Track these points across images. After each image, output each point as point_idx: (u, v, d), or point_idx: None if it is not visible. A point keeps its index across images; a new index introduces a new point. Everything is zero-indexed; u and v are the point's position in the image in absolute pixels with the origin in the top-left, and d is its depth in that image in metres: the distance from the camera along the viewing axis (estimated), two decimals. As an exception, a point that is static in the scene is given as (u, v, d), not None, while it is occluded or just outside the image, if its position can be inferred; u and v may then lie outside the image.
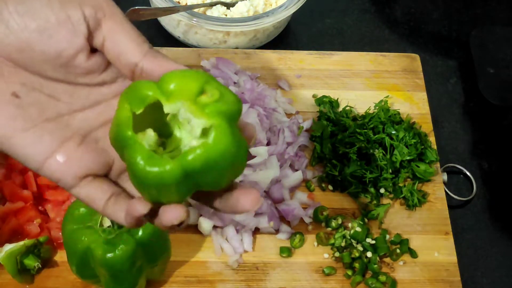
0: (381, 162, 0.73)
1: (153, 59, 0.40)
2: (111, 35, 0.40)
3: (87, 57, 0.41)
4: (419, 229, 0.73)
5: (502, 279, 0.73)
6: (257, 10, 0.84)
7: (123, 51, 0.40)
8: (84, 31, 0.40)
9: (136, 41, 0.40)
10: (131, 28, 0.41)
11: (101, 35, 0.40)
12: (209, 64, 0.80)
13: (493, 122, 0.84)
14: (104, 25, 0.40)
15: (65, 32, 0.40)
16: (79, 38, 0.40)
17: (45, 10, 0.39)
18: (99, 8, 0.40)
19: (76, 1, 0.40)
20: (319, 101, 0.80)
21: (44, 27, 0.39)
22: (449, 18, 0.95)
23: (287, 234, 0.70)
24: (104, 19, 0.40)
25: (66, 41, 0.40)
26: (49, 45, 0.40)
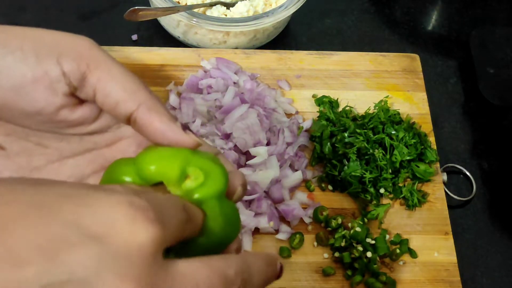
0: (381, 162, 0.73)
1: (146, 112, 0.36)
2: (101, 87, 0.36)
3: (71, 111, 0.37)
4: (419, 229, 0.73)
5: (502, 279, 0.73)
6: (257, 10, 0.84)
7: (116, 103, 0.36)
8: (64, 88, 0.36)
9: (129, 90, 0.36)
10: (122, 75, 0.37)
11: (90, 88, 0.36)
12: (209, 64, 0.80)
13: (493, 122, 0.84)
14: (91, 77, 0.36)
15: (43, 89, 0.36)
16: (58, 96, 0.36)
17: (20, 65, 0.35)
18: (81, 59, 0.36)
19: (54, 54, 0.36)
20: (319, 101, 0.80)
21: (20, 85, 0.36)
22: (449, 18, 0.95)
23: (287, 234, 0.70)
24: (89, 71, 0.36)
25: (44, 99, 0.36)
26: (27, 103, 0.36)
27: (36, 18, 0.85)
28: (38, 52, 0.36)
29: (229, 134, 0.72)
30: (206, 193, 0.35)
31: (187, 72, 0.79)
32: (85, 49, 0.36)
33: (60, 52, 0.36)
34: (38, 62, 0.36)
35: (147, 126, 0.36)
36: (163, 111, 0.36)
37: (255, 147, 0.72)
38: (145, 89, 0.37)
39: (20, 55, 0.35)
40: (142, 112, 0.36)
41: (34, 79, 0.36)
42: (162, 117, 0.36)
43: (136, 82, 0.37)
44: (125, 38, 0.87)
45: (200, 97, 0.76)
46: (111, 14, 0.89)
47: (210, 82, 0.77)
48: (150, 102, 0.36)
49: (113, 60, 0.37)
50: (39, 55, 0.36)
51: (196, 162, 0.35)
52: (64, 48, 0.36)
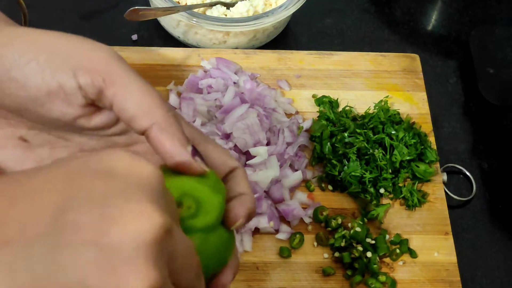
0: (381, 162, 0.73)
1: (158, 132, 0.36)
2: (117, 102, 0.36)
3: (89, 120, 0.38)
4: (419, 229, 0.73)
5: (502, 279, 0.73)
6: (257, 10, 0.84)
7: (131, 118, 0.36)
8: (80, 101, 0.36)
9: (144, 108, 0.36)
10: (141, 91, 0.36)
11: (107, 100, 0.36)
12: (209, 64, 0.80)
13: (493, 122, 0.84)
14: (107, 92, 0.36)
15: (59, 102, 0.36)
16: (74, 108, 0.36)
17: (36, 78, 0.35)
18: (96, 73, 0.36)
19: (69, 66, 0.35)
20: (319, 101, 0.80)
21: (36, 96, 0.36)
22: (449, 18, 0.95)
23: (287, 234, 0.70)
24: (105, 86, 0.36)
25: (59, 111, 0.36)
26: (44, 112, 0.37)
27: (37, 17, 0.84)
28: (53, 64, 0.35)
29: (229, 134, 0.72)
30: (194, 224, 0.35)
31: (187, 72, 0.79)
32: (102, 62, 0.36)
33: (76, 65, 0.36)
34: (53, 75, 0.35)
35: (158, 145, 0.36)
36: (176, 134, 0.36)
37: (255, 147, 0.72)
38: (161, 107, 0.36)
39: (36, 67, 0.35)
40: (154, 132, 0.36)
41: (49, 92, 0.36)
42: (174, 140, 0.36)
43: (154, 99, 0.36)
44: (125, 38, 0.87)
45: (200, 97, 0.76)
46: (111, 14, 0.89)
47: (210, 82, 0.77)
48: (165, 122, 0.36)
49: (131, 74, 0.36)
50: (54, 68, 0.35)
51: (195, 191, 0.36)
52: (79, 61, 0.36)
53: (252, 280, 0.68)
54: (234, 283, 0.67)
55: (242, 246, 0.69)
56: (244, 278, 0.68)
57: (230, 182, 0.41)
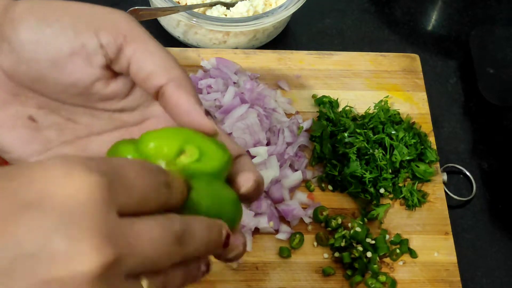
0: (381, 162, 0.73)
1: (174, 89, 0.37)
2: (135, 59, 0.37)
3: (106, 85, 0.38)
4: (419, 229, 0.73)
5: (502, 279, 0.73)
6: (257, 10, 0.84)
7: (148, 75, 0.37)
8: (101, 60, 0.37)
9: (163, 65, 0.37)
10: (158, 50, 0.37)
11: (125, 59, 0.37)
12: (209, 64, 0.80)
13: (493, 122, 0.84)
14: (127, 49, 0.37)
15: (80, 62, 0.37)
16: (94, 68, 0.37)
17: (58, 38, 0.36)
18: (118, 32, 0.37)
19: (92, 27, 0.36)
20: (319, 101, 0.80)
21: (57, 58, 0.36)
22: (449, 18, 0.95)
23: (287, 234, 0.70)
24: (125, 43, 0.37)
25: (81, 72, 0.37)
26: (63, 76, 0.37)
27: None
28: (76, 25, 0.36)
29: (229, 134, 0.72)
30: (199, 168, 0.35)
31: (187, 72, 0.79)
32: (123, 22, 0.37)
33: (98, 25, 0.36)
34: (76, 35, 0.36)
35: (174, 102, 0.37)
36: (192, 92, 0.37)
37: (255, 147, 0.72)
38: (178, 67, 0.37)
39: (59, 28, 0.36)
40: (171, 88, 0.37)
41: (71, 52, 0.36)
42: (190, 97, 0.37)
43: (171, 60, 0.37)
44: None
45: (200, 97, 0.75)
46: (111, 14, 0.89)
47: (210, 82, 0.77)
48: (181, 80, 0.37)
49: (150, 36, 0.38)
50: (77, 28, 0.36)
51: (197, 142, 0.35)
52: (102, 22, 0.37)
53: (252, 280, 0.68)
54: (234, 283, 0.67)
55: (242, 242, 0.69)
56: (244, 278, 0.68)
57: (236, 166, 0.40)
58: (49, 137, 0.39)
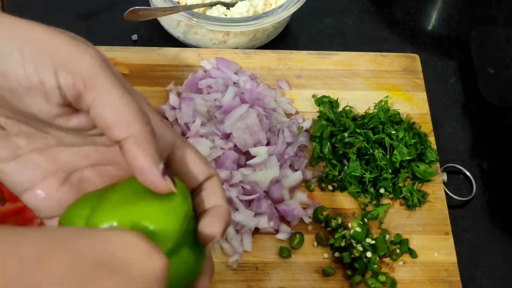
0: (380, 162, 0.73)
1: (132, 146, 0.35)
2: (95, 108, 0.35)
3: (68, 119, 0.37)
4: (419, 229, 0.73)
5: (502, 279, 0.73)
6: (257, 10, 0.84)
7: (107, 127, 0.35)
8: (58, 99, 0.35)
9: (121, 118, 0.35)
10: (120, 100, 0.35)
11: (85, 105, 0.35)
12: (209, 64, 0.80)
13: (493, 122, 0.84)
14: (86, 97, 0.35)
15: (38, 97, 0.35)
16: (52, 106, 0.36)
17: (18, 70, 0.35)
18: (78, 77, 0.35)
19: (51, 65, 0.35)
20: (319, 101, 0.80)
21: (15, 89, 0.35)
22: (449, 18, 0.95)
23: (287, 234, 0.70)
24: (84, 90, 0.35)
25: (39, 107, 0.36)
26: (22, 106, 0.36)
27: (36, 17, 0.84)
28: (37, 59, 0.35)
29: (229, 134, 0.72)
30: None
31: (187, 72, 0.79)
32: (86, 65, 0.35)
33: (59, 64, 0.35)
34: (35, 70, 0.35)
35: (130, 159, 0.36)
36: (150, 150, 0.36)
37: (255, 147, 0.72)
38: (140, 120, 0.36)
39: (19, 59, 0.35)
40: (128, 144, 0.35)
41: (29, 86, 0.35)
42: (147, 156, 0.36)
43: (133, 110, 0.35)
44: (125, 38, 0.87)
45: (200, 97, 0.76)
46: (111, 14, 0.89)
47: (210, 82, 0.77)
48: (141, 136, 0.36)
49: (115, 82, 0.36)
50: (37, 63, 0.35)
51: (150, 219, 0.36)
52: (63, 61, 0.35)
53: (252, 280, 0.68)
54: (234, 283, 0.67)
55: (242, 246, 0.69)
56: (244, 278, 0.68)
57: (205, 192, 0.40)
58: (18, 144, 0.39)
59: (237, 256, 0.68)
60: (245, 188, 0.70)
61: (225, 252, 0.69)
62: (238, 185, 0.70)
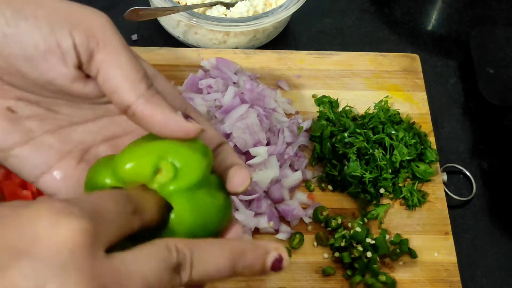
0: (380, 162, 0.73)
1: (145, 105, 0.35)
2: (104, 69, 0.35)
3: (85, 84, 0.37)
4: (419, 229, 0.73)
5: (502, 279, 0.73)
6: (256, 10, 0.84)
7: (115, 90, 0.35)
8: (74, 60, 0.35)
9: (131, 80, 0.35)
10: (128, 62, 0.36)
11: (95, 66, 0.36)
12: (208, 64, 0.80)
13: (493, 122, 0.84)
14: (97, 56, 0.35)
15: (55, 61, 0.35)
16: (69, 68, 0.35)
17: (33, 34, 0.34)
18: (92, 36, 0.35)
19: (66, 26, 0.35)
20: (319, 101, 0.80)
21: (32, 55, 0.35)
22: (449, 18, 0.95)
23: (287, 234, 0.70)
24: (97, 49, 0.35)
25: (56, 71, 0.35)
26: (38, 73, 0.36)
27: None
28: (52, 21, 0.35)
29: (229, 134, 0.72)
30: (177, 186, 0.35)
31: (187, 72, 0.79)
32: (99, 26, 0.36)
33: (74, 24, 0.35)
34: (51, 32, 0.34)
35: (148, 119, 0.35)
36: (163, 103, 0.36)
37: (255, 147, 0.72)
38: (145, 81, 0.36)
39: (34, 23, 0.34)
40: (141, 106, 0.35)
41: (46, 50, 0.35)
42: (164, 109, 0.35)
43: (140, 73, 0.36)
44: (125, 38, 0.85)
45: (200, 97, 0.76)
46: (111, 14, 0.88)
47: (210, 82, 0.77)
48: (149, 96, 0.35)
49: (124, 45, 0.36)
50: (52, 25, 0.34)
51: (173, 154, 0.35)
52: (78, 21, 0.35)
53: (252, 280, 0.68)
54: (234, 283, 0.67)
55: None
56: (244, 278, 0.68)
57: (220, 156, 0.40)
58: (30, 127, 0.38)
59: (237, 256, 0.68)
60: (245, 188, 0.70)
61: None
62: (238, 185, 0.70)
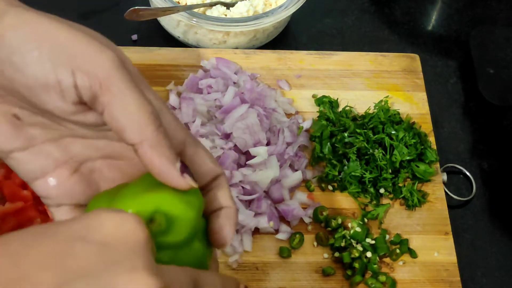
0: (380, 162, 0.73)
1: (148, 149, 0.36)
2: (109, 110, 0.35)
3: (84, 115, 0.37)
4: (419, 229, 0.73)
5: (502, 279, 0.73)
6: (257, 10, 0.84)
7: (121, 129, 0.36)
8: (74, 98, 0.36)
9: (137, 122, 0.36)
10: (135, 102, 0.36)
11: (100, 106, 0.36)
12: (209, 64, 0.80)
13: (493, 122, 0.84)
14: (101, 98, 0.35)
15: (54, 95, 0.36)
16: (68, 104, 0.36)
17: (35, 68, 0.35)
18: (95, 77, 0.35)
19: (69, 65, 0.35)
20: (319, 101, 0.80)
21: (32, 86, 0.36)
22: (449, 18, 0.95)
23: (287, 234, 0.70)
24: (100, 92, 0.35)
25: (55, 105, 0.36)
26: (39, 102, 0.36)
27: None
28: (55, 58, 0.35)
29: (229, 134, 0.72)
30: (164, 240, 0.36)
31: (187, 72, 0.79)
32: (103, 68, 0.36)
33: (77, 65, 0.35)
34: (53, 69, 0.35)
35: (147, 162, 0.36)
36: (165, 151, 0.36)
37: (255, 147, 0.72)
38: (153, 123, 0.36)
39: (37, 57, 0.35)
40: (144, 149, 0.36)
41: (45, 84, 0.35)
42: (162, 158, 0.36)
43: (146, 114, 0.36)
44: (125, 38, 0.87)
45: (200, 97, 0.76)
46: (111, 14, 0.89)
47: (210, 82, 0.77)
48: (154, 140, 0.36)
49: (130, 83, 0.36)
50: (55, 62, 0.35)
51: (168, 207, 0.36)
52: (81, 62, 0.35)
53: (252, 280, 0.68)
54: (234, 283, 0.67)
55: (242, 246, 0.69)
56: (244, 278, 0.68)
57: (213, 192, 0.41)
58: (33, 134, 0.39)
59: (237, 256, 0.68)
60: (245, 188, 0.70)
61: (225, 252, 0.69)
62: (238, 185, 0.70)
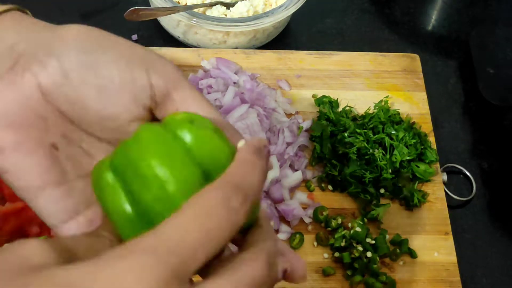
0: (381, 162, 0.73)
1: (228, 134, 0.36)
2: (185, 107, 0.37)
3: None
4: (419, 229, 0.73)
5: (502, 279, 0.73)
6: (257, 10, 0.84)
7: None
8: (146, 100, 0.36)
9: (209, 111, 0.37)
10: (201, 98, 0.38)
11: (172, 105, 0.37)
12: (209, 64, 0.80)
13: (493, 122, 0.84)
14: (175, 95, 0.37)
15: (127, 96, 0.35)
16: (138, 107, 0.36)
17: (111, 67, 0.35)
18: (168, 78, 0.36)
19: (143, 65, 0.36)
20: (319, 101, 0.80)
21: (105, 86, 0.35)
22: (449, 18, 0.95)
23: (287, 234, 0.70)
24: (174, 89, 0.37)
25: (124, 106, 0.36)
26: (105, 106, 0.35)
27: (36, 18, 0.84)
28: (130, 59, 0.36)
29: (229, 134, 0.72)
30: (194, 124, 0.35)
31: (187, 72, 0.79)
32: (172, 69, 0.37)
33: (150, 66, 0.36)
34: (128, 68, 0.35)
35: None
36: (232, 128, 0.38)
37: (255, 147, 0.71)
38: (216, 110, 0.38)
39: (113, 56, 0.35)
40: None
41: (121, 83, 0.35)
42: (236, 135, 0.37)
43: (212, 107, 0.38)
44: (125, 38, 0.86)
45: (200, 97, 0.76)
46: (111, 14, 0.89)
47: (210, 82, 0.77)
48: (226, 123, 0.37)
49: (192, 85, 0.38)
50: (130, 62, 0.36)
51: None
52: (154, 64, 0.36)
53: (252, 280, 0.68)
54: (234, 283, 0.67)
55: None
56: (244, 278, 0.68)
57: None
58: (66, 168, 0.37)
59: (237, 256, 0.68)
60: (245, 188, 0.70)
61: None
62: (238, 185, 0.70)
